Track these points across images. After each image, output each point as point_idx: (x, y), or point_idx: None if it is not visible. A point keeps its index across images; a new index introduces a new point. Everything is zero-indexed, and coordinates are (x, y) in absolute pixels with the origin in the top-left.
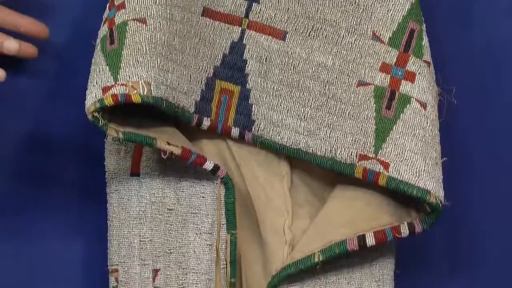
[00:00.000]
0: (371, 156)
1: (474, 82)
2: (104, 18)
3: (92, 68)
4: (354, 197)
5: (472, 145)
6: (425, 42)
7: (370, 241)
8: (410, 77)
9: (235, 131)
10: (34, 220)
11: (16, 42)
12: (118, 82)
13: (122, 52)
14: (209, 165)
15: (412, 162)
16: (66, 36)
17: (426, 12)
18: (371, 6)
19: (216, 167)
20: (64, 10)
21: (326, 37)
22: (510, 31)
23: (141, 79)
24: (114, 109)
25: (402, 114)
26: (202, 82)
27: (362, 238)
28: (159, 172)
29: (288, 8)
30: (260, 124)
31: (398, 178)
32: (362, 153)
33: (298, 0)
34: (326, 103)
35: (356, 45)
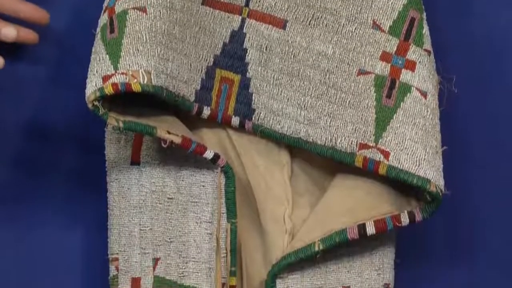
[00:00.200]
0: (371, 145)
1: (475, 71)
2: (104, 7)
3: (92, 57)
4: (354, 186)
5: (472, 134)
6: (425, 30)
7: (370, 230)
8: (411, 66)
9: (235, 120)
10: (34, 209)
11: (14, 29)
12: (118, 71)
13: (122, 41)
14: (209, 154)
15: (412, 151)
16: (66, 25)
17: (426, 0)
18: None
19: (216, 156)
20: None
21: (326, 25)
22: (510, 20)
23: (141, 68)
24: (114, 98)
25: (402, 103)
26: (202, 71)
27: (362, 227)
28: (160, 161)
29: None
30: (260, 113)
31: (398, 167)
32: (362, 142)
33: None
34: (326, 92)
35: (356, 33)
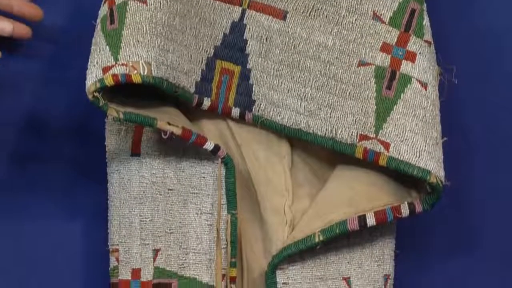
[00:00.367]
0: (372, 136)
1: (475, 61)
2: None
3: (92, 48)
4: (354, 177)
5: (472, 125)
6: (426, 21)
7: (371, 221)
8: (411, 57)
9: (236, 111)
10: (34, 200)
11: (10, 24)
12: (118, 62)
13: (123, 32)
14: (209, 145)
15: (412, 142)
16: (67, 15)
17: None
18: None
19: (216, 147)
20: None
21: (326, 16)
22: (511, 11)
23: (141, 59)
24: (114, 89)
25: (402, 94)
26: (202, 62)
27: (362, 218)
28: (160, 152)
29: None
30: (260, 104)
31: (399, 158)
32: (362, 133)
33: None
34: (326, 83)
35: (356, 25)
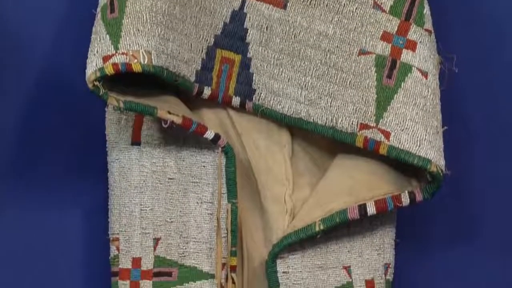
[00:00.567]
0: (372, 125)
1: (475, 50)
2: None
3: (92, 37)
4: (355, 166)
5: (473, 114)
6: (426, 10)
7: (371, 210)
8: (411, 46)
9: (236, 100)
10: (35, 190)
11: None
12: (118, 51)
13: (123, 21)
14: (210, 134)
15: (413, 131)
16: (67, 4)
17: None
18: None
19: (216, 136)
20: None
21: (327, 5)
22: (511, 1)
23: (141, 48)
24: (114, 78)
25: (403, 83)
26: (202, 51)
27: (363, 207)
28: (160, 141)
29: None
30: (261, 93)
31: (399, 147)
32: (363, 122)
33: None
34: (327, 72)
35: (357, 13)
